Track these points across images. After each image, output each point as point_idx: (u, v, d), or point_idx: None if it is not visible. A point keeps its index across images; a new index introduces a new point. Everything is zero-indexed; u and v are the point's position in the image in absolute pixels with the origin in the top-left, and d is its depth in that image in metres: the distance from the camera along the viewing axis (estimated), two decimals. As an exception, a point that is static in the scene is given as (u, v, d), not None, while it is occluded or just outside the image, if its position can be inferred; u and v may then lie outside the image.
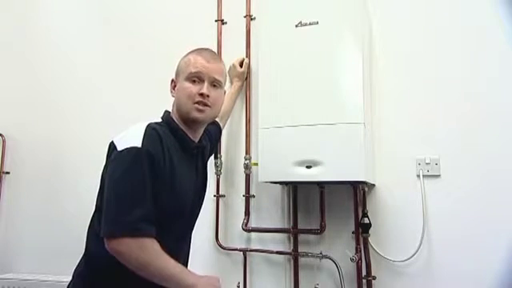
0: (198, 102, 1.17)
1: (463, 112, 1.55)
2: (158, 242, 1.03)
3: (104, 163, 1.13)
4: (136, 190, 1.03)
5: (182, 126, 1.20)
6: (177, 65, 1.25)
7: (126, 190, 1.03)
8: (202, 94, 1.17)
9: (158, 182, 1.06)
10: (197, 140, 1.25)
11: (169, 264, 1.03)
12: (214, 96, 1.20)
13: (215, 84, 1.21)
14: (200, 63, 1.19)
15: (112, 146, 1.10)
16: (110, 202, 1.04)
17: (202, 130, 1.27)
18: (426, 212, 1.54)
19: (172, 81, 1.26)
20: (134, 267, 1.01)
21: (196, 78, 1.19)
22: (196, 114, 1.17)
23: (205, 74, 1.18)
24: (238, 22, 1.92)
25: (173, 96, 1.24)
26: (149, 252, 1.01)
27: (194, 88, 1.18)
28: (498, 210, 1.46)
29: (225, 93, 1.30)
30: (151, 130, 1.10)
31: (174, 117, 1.22)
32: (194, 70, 1.18)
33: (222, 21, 1.97)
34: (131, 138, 1.08)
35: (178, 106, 1.21)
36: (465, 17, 1.60)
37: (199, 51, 1.23)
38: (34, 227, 2.17)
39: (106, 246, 1.02)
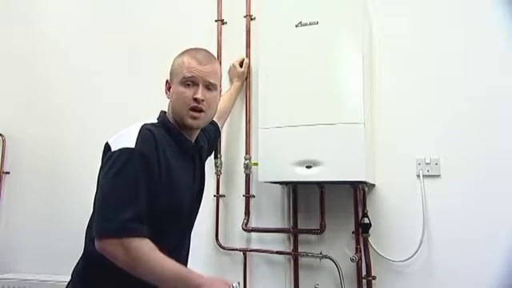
0: (192, 108, 1.17)
1: (463, 112, 1.55)
2: (158, 243, 1.02)
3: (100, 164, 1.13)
4: (127, 190, 1.03)
5: (178, 127, 1.20)
6: (171, 64, 1.24)
7: (118, 191, 1.03)
8: (196, 99, 1.16)
9: (153, 182, 1.06)
10: (193, 140, 1.25)
11: (163, 263, 1.00)
12: (209, 99, 1.19)
13: (210, 87, 1.20)
14: (194, 67, 1.17)
15: (107, 147, 1.10)
16: (101, 202, 1.04)
17: (198, 131, 1.27)
18: (426, 212, 1.54)
19: (167, 82, 1.25)
20: (124, 267, 1.00)
21: (190, 82, 1.17)
22: (191, 122, 1.18)
23: (199, 77, 1.17)
24: (238, 22, 1.92)
25: (168, 97, 1.24)
26: (138, 252, 0.99)
27: (188, 92, 1.17)
28: (498, 210, 1.46)
29: (220, 91, 1.29)
30: (145, 131, 1.10)
31: (170, 117, 1.21)
32: (188, 75, 1.17)
33: (222, 21, 1.97)
34: (125, 139, 1.08)
35: (173, 110, 1.21)
36: (465, 17, 1.60)
37: (193, 53, 1.21)
38: (34, 227, 2.17)
39: (96, 245, 1.01)
